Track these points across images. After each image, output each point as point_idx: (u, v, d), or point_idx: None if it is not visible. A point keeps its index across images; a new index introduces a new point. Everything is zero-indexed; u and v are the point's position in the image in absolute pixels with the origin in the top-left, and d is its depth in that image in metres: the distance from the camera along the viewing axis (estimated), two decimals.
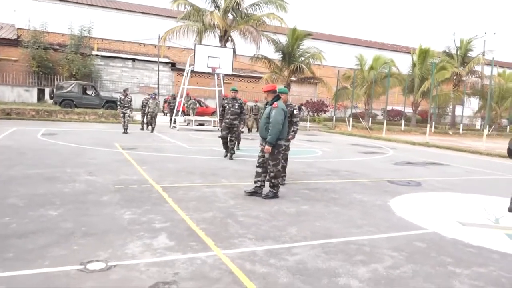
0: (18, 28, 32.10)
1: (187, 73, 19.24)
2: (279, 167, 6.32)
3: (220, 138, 10.41)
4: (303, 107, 30.39)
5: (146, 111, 17.16)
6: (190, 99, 22.80)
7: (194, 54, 17.77)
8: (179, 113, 19.92)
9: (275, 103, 6.12)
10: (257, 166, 6.34)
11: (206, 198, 6.00)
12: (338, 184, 7.80)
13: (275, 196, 6.20)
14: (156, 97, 16.90)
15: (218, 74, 19.37)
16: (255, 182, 6.31)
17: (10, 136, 12.42)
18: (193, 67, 18.04)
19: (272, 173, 6.17)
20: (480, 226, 5.38)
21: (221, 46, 22.19)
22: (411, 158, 13.04)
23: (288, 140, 7.09)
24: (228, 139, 10.10)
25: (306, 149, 13.93)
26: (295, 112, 7.13)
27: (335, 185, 7.66)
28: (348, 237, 4.55)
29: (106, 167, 8.09)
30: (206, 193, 6.34)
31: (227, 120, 10.02)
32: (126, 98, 15.29)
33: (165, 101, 25.52)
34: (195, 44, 18.48)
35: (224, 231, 4.53)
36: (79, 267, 3.35)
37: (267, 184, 6.28)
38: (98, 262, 3.46)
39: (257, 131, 18.84)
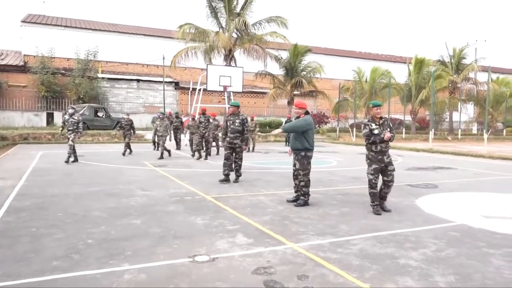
0: (24, 55, 33.01)
1: (199, 92, 20.11)
2: (309, 176, 6.94)
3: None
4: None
5: (153, 132, 15.57)
6: (178, 117, 18.57)
7: (207, 74, 18.69)
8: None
9: (303, 115, 6.92)
10: (294, 179, 7.10)
11: (257, 205, 6.79)
12: (364, 189, 8.54)
13: (305, 203, 6.82)
14: (164, 117, 14.85)
15: (228, 92, 20.26)
16: (296, 192, 7.09)
17: (43, 160, 13.15)
18: (206, 86, 18.91)
19: (302, 182, 6.84)
20: (501, 218, 6.20)
21: (229, 65, 23.19)
22: (420, 164, 13.88)
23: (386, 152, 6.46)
24: (233, 160, 9.18)
25: (320, 159, 14.74)
26: (391, 125, 6.55)
27: (362, 190, 8.47)
28: (393, 230, 5.35)
29: (152, 183, 8.87)
30: (253, 201, 7.12)
31: (228, 139, 9.15)
32: (71, 120, 12.18)
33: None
34: (207, 64, 19.43)
35: (287, 230, 5.31)
36: (189, 260, 4.13)
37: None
38: (202, 256, 4.24)
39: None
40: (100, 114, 26.82)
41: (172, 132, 17.63)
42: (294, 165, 6.98)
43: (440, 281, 3.71)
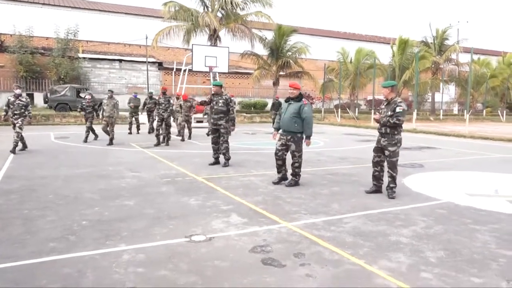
0: (1, 33, 31.92)
1: (184, 72, 19.89)
2: (302, 157, 7.03)
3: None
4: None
5: (101, 114, 12.72)
6: (152, 98, 16.41)
7: (192, 54, 18.44)
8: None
9: (304, 100, 6.89)
10: (278, 159, 6.95)
11: (248, 185, 6.85)
12: (352, 169, 8.76)
13: (296, 183, 6.92)
14: (112, 94, 12.89)
15: (214, 72, 20.06)
16: (279, 172, 7.05)
17: (27, 141, 12.86)
18: (191, 67, 18.70)
19: (296, 163, 6.89)
20: (485, 196, 6.42)
21: (214, 45, 22.90)
22: (404, 144, 14.06)
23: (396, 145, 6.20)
24: (220, 143, 8.77)
25: None
26: (397, 109, 6.00)
27: (350, 170, 8.62)
28: (383, 209, 5.49)
29: (141, 164, 8.83)
30: (244, 181, 7.18)
31: (212, 121, 8.83)
32: (18, 102, 10.24)
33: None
34: (193, 44, 19.15)
35: (280, 209, 5.40)
36: (186, 239, 4.17)
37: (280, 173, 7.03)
38: (198, 236, 4.29)
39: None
40: (82, 95, 26.24)
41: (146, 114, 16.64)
42: (283, 146, 6.85)
43: (431, 256, 3.84)
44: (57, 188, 6.37)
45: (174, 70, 32.31)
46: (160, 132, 12.47)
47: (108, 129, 12.33)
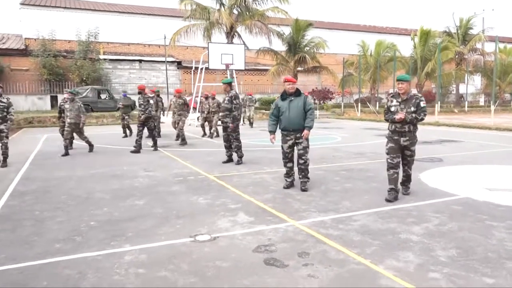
0: (25, 38, 32.81)
1: (201, 71, 19.97)
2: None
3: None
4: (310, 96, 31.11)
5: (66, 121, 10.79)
6: (159, 96, 15.84)
7: (208, 52, 18.47)
8: (196, 110, 20.69)
9: (305, 91, 6.71)
10: (288, 161, 6.46)
11: (259, 183, 6.79)
12: (369, 164, 8.57)
13: (308, 179, 6.77)
14: (74, 97, 10.55)
15: (231, 70, 20.02)
16: (289, 176, 6.51)
17: (47, 143, 13.25)
18: (208, 65, 18.73)
19: (307, 162, 6.42)
20: (505, 190, 6.15)
21: (231, 43, 22.89)
22: (425, 137, 13.74)
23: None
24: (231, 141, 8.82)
25: (325, 135, 14.65)
26: (422, 104, 5.57)
27: (366, 165, 8.43)
28: (395, 206, 5.33)
29: (155, 163, 8.89)
30: (256, 179, 7.12)
31: (221, 118, 9.01)
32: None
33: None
34: (208, 42, 19.21)
35: (289, 207, 5.31)
36: (190, 239, 4.14)
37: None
38: (203, 235, 4.25)
39: None
40: (103, 96, 26.79)
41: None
42: (291, 148, 6.43)
43: (442, 255, 3.69)
44: (70, 189, 6.46)
45: (193, 68, 32.50)
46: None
47: (80, 137, 10.78)
